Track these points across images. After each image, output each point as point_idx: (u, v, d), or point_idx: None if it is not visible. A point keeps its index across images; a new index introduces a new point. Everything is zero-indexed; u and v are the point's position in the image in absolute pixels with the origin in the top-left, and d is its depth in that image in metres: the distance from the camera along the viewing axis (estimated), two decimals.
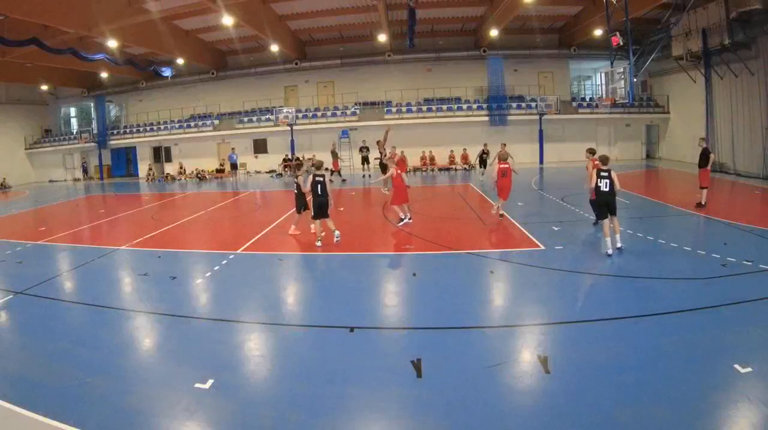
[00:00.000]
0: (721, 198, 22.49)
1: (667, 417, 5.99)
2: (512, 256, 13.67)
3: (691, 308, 9.27)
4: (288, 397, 6.93)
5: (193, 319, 10.17)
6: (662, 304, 9.51)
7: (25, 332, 9.87)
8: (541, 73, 44.21)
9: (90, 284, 13.26)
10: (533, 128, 40.65)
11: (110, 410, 6.65)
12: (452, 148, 40.83)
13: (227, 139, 46.22)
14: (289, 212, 19.85)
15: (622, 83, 27.42)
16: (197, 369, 7.69)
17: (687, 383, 6.71)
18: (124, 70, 43.81)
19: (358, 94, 45.92)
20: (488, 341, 8.52)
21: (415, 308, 10.53)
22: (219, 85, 48.40)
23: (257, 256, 15.24)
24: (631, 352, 7.73)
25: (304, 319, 10.15)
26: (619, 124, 41.97)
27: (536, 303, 10.27)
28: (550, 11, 37.60)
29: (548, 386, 6.88)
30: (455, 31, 43.69)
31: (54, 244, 18.18)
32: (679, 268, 12.16)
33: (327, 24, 40.80)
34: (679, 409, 6.14)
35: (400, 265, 13.67)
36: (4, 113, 48.98)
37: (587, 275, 11.94)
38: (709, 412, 6.11)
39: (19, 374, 7.85)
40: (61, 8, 26.57)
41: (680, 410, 6.13)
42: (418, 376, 7.24)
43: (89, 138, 48.53)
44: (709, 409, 6.16)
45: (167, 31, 35.65)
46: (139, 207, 27.78)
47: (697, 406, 6.21)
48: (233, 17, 29.79)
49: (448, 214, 20.09)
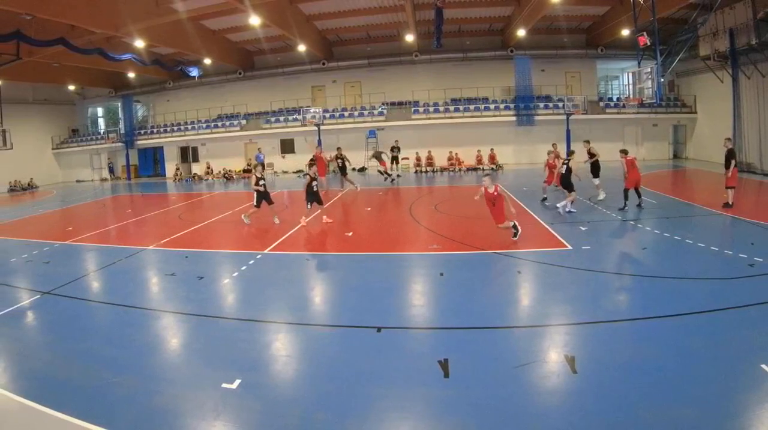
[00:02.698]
0: (748, 198, 22.25)
1: (694, 418, 5.98)
2: (539, 256, 13.62)
3: (719, 308, 9.22)
4: (315, 397, 6.96)
5: (221, 319, 10.25)
6: (689, 304, 9.46)
7: (53, 332, 10.00)
8: (569, 73, 43.97)
9: (117, 284, 13.34)
10: (560, 128, 39.98)
11: (137, 410, 6.73)
12: (479, 148, 40.48)
13: (254, 139, 46.38)
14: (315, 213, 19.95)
15: (649, 83, 27.16)
16: (224, 369, 7.75)
17: (714, 383, 6.70)
18: (152, 70, 44.16)
19: (385, 94, 45.87)
20: (515, 341, 8.53)
21: (442, 307, 10.50)
22: (246, 85, 48.52)
23: (284, 256, 15.25)
24: (657, 352, 7.69)
25: (331, 319, 10.20)
26: (646, 124, 41.67)
27: (563, 303, 10.23)
28: (577, 11, 37.42)
29: (575, 386, 6.88)
30: (482, 31, 43.46)
31: (81, 244, 18.35)
32: (706, 268, 12.10)
33: (354, 24, 40.78)
34: (706, 409, 6.13)
35: (427, 265, 13.57)
36: (32, 113, 49.32)
37: (614, 276, 11.90)
38: (737, 413, 6.10)
39: (47, 374, 7.95)
40: (88, 8, 26.74)
41: (707, 410, 6.11)
42: (445, 376, 7.25)
43: (116, 138, 48.76)
44: (736, 410, 6.15)
45: (194, 31, 35.82)
46: (166, 207, 27.90)
47: (724, 407, 6.18)
48: (260, 17, 29.81)
49: (475, 213, 19.99)
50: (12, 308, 11.31)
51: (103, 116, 57.26)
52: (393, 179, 34.02)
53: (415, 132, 42.65)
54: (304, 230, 18.72)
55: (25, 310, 11.32)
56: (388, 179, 33.55)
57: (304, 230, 18.64)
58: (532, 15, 33.60)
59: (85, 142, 52.52)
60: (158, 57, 42.36)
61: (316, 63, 45.08)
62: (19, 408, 6.93)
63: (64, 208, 30.59)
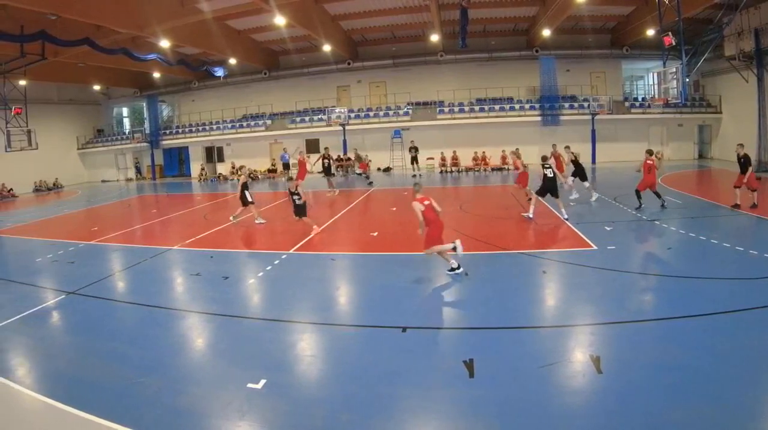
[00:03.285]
0: None
1: (719, 418, 5.96)
2: (564, 256, 13.61)
3: (744, 308, 9.17)
4: (340, 397, 6.97)
5: (246, 319, 10.30)
6: (714, 304, 9.40)
7: (77, 332, 10.08)
8: (594, 73, 43.71)
9: (142, 284, 13.43)
10: (585, 128, 40.12)
11: (162, 410, 6.77)
12: (504, 148, 40.11)
13: (279, 139, 46.42)
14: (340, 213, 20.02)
15: (674, 83, 27.00)
16: (250, 369, 7.78)
17: (739, 383, 6.66)
18: (177, 70, 44.22)
19: (411, 94, 45.84)
20: (540, 341, 8.51)
21: (467, 307, 10.51)
22: (271, 85, 48.61)
23: (309, 256, 15.27)
24: (683, 352, 7.66)
25: (356, 319, 10.22)
26: (671, 124, 41.24)
27: (588, 303, 10.19)
28: (602, 11, 37.16)
29: (600, 386, 6.86)
30: (507, 31, 43.29)
31: (106, 244, 18.48)
32: (732, 268, 12.04)
33: (379, 24, 40.73)
34: (731, 410, 6.09)
35: None
36: (57, 113, 49.59)
37: (639, 276, 11.82)
38: (763, 413, 6.11)
39: (72, 374, 8.01)
40: (113, 8, 26.87)
41: (732, 411, 6.08)
42: (471, 376, 7.25)
43: (141, 138, 49.10)
44: (762, 410, 6.16)
45: (219, 31, 35.80)
46: (191, 207, 28.05)
47: (749, 407, 6.17)
48: (285, 17, 29.84)
49: (500, 214, 19.99)
50: (37, 308, 11.40)
51: (128, 116, 57.60)
52: (371, 182, 34.47)
53: (440, 132, 42.59)
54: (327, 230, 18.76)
55: (51, 310, 11.41)
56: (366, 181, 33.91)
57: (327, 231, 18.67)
58: (557, 15, 33.48)
59: (110, 143, 52.85)
60: (183, 57, 42.49)
61: (341, 63, 45.10)
62: (44, 408, 6.98)
63: (89, 209, 30.85)
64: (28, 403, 7.22)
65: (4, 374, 8.02)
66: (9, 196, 43.17)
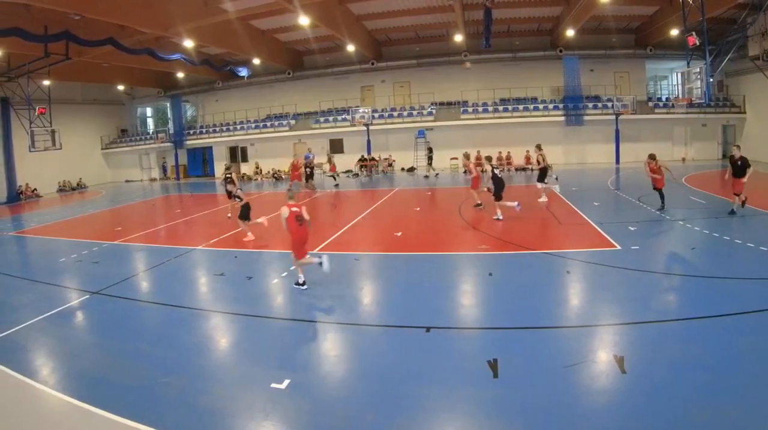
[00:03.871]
0: None
1: (744, 418, 5.93)
2: (588, 256, 13.54)
3: None
4: (364, 397, 6.99)
5: (269, 319, 10.35)
6: (739, 304, 9.36)
7: (101, 332, 10.14)
8: (617, 73, 43.42)
9: (166, 283, 13.55)
10: (609, 128, 39.99)
11: (186, 410, 6.80)
12: (528, 148, 39.52)
13: (303, 139, 46.43)
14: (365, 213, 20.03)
15: (698, 83, 26.97)
16: (273, 369, 7.81)
17: (764, 383, 6.62)
18: (201, 70, 44.38)
19: (434, 94, 45.81)
20: (564, 341, 8.49)
21: (491, 307, 10.51)
22: (295, 85, 48.70)
23: (333, 256, 14.94)
24: (707, 352, 7.64)
25: (380, 319, 10.20)
26: (695, 124, 40.97)
27: (612, 303, 10.16)
28: (626, 11, 37.02)
29: (624, 386, 6.85)
30: (531, 31, 43.14)
31: (130, 244, 18.60)
32: (756, 268, 11.97)
33: (403, 24, 40.66)
34: (756, 410, 6.06)
35: (476, 265, 13.57)
36: (81, 113, 49.89)
37: (663, 276, 11.78)
38: None
39: (95, 374, 8.05)
40: (137, 8, 26.93)
41: (757, 411, 6.04)
42: (495, 376, 7.25)
43: (165, 138, 49.31)
44: None
45: (243, 31, 35.93)
46: (214, 207, 27.95)
47: None
48: (309, 17, 29.81)
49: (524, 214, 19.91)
50: (61, 308, 11.50)
51: (152, 116, 58.06)
52: (337, 184, 34.77)
53: (464, 132, 42.49)
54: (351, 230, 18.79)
55: (75, 310, 11.51)
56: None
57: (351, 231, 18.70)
58: (581, 15, 33.29)
59: (134, 143, 53.22)
60: (207, 57, 42.68)
61: (365, 63, 45.04)
62: (68, 408, 7.02)
63: (113, 209, 31.09)
64: (52, 403, 7.26)
65: (28, 374, 8.09)
66: (33, 196, 43.51)
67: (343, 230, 18.64)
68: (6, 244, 21.66)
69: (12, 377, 8.05)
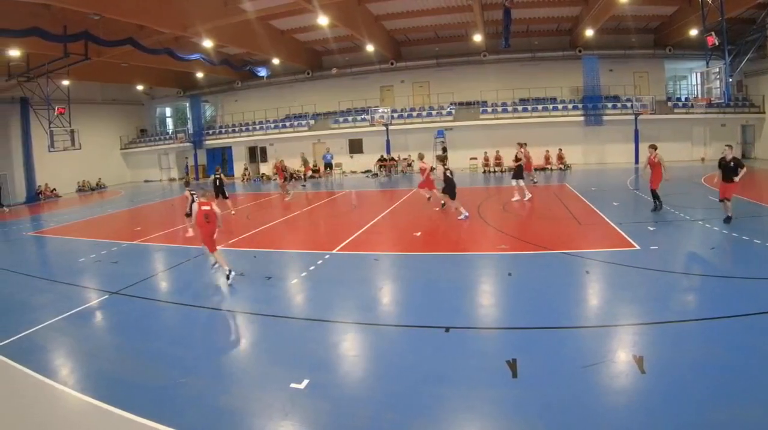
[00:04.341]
0: None
1: (764, 418, 5.87)
2: (607, 256, 13.46)
3: None
4: (383, 397, 6.96)
5: (289, 319, 10.33)
6: (758, 304, 9.25)
7: (120, 332, 10.17)
8: (637, 73, 43.35)
9: (185, 283, 13.61)
10: (629, 128, 39.92)
11: (205, 410, 6.79)
12: (548, 148, 40.11)
13: (322, 139, 46.62)
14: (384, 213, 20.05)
15: (717, 83, 27.02)
16: (292, 369, 7.78)
17: None
18: (220, 70, 44.67)
19: (454, 94, 45.85)
20: (583, 341, 8.45)
21: (510, 307, 10.47)
22: (314, 85, 48.89)
23: (353, 256, 15.30)
24: (727, 352, 7.57)
25: (400, 319, 10.16)
26: (714, 124, 40.76)
27: (631, 303, 10.07)
28: (645, 11, 36.92)
29: (644, 386, 6.79)
30: (550, 31, 43.11)
31: (149, 244, 18.71)
32: None
33: (422, 24, 40.71)
34: None
35: (495, 265, 13.52)
36: (100, 113, 50.29)
37: (682, 276, 11.67)
38: None
39: (115, 374, 8.07)
40: (156, 8, 27.09)
41: None
42: (514, 376, 7.21)
43: (185, 138, 49.59)
44: None
45: (263, 31, 36.09)
46: (234, 207, 27.65)
47: None
48: (328, 17, 29.89)
49: (543, 214, 19.92)
50: (80, 308, 11.54)
51: (171, 116, 58.40)
52: (304, 185, 35.45)
53: (483, 132, 42.49)
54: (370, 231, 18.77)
55: (94, 310, 11.55)
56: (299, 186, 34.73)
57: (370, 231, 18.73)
58: (600, 15, 33.27)
59: (154, 143, 53.64)
60: (226, 57, 42.91)
61: (384, 63, 45.15)
62: (87, 408, 7.03)
63: (132, 209, 31.27)
64: (71, 403, 7.27)
65: (47, 374, 8.11)
66: (52, 196, 43.94)
67: (362, 230, 18.64)
68: (25, 244, 21.87)
69: (31, 376, 8.07)
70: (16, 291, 13.52)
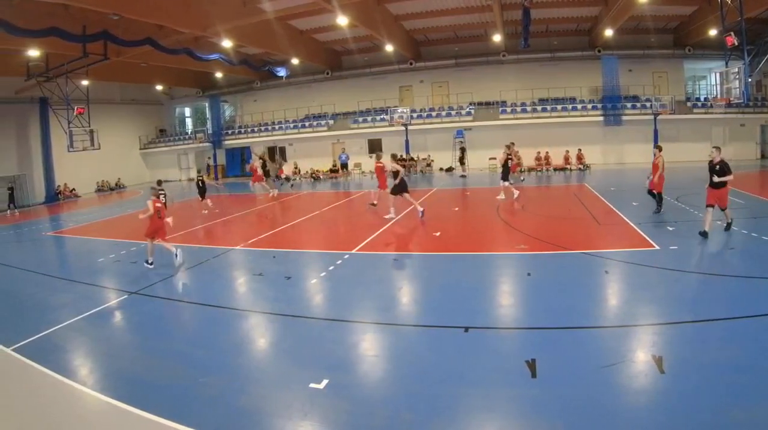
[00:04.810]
0: None
1: None
2: (626, 256, 13.42)
3: None
4: (403, 397, 6.95)
5: (308, 319, 10.31)
6: None
7: (140, 332, 10.22)
8: (656, 73, 43.17)
9: (204, 284, 13.59)
10: (648, 128, 39.64)
11: (225, 410, 6.80)
12: (567, 148, 40.05)
13: (342, 139, 46.74)
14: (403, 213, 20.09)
15: (736, 83, 26.97)
16: (312, 369, 7.78)
17: None
18: (239, 70, 44.81)
19: (473, 94, 45.78)
20: (603, 341, 8.42)
21: (529, 307, 10.44)
22: (333, 85, 48.97)
23: (372, 256, 15.30)
24: (747, 352, 7.51)
25: (419, 319, 10.15)
26: (733, 124, 40.55)
27: (650, 303, 10.02)
28: (664, 11, 36.73)
29: (663, 386, 6.76)
30: (570, 31, 42.96)
31: None
32: None
33: (442, 24, 40.65)
34: None
35: (514, 265, 13.52)
36: (119, 113, 50.62)
37: (702, 276, 11.64)
38: None
39: (134, 374, 8.10)
40: (175, 8, 27.18)
41: None
42: (533, 376, 7.19)
43: (204, 138, 49.81)
44: None
45: (282, 31, 36.11)
46: (253, 207, 27.93)
47: None
48: (348, 17, 29.90)
49: (562, 214, 19.88)
50: (100, 308, 11.60)
51: (190, 116, 58.72)
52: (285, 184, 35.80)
53: (502, 132, 41.77)
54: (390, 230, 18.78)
55: (113, 310, 11.61)
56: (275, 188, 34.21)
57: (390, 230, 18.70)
58: (620, 15, 33.17)
59: (173, 143, 53.98)
60: (246, 57, 42.97)
61: (403, 63, 45.18)
62: (106, 408, 7.06)
63: None
64: (90, 403, 7.31)
65: (67, 374, 8.15)
66: (71, 196, 44.33)
67: (381, 230, 18.62)
68: (45, 244, 22.07)
69: (50, 376, 8.11)
70: (36, 291, 13.60)
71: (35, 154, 43.39)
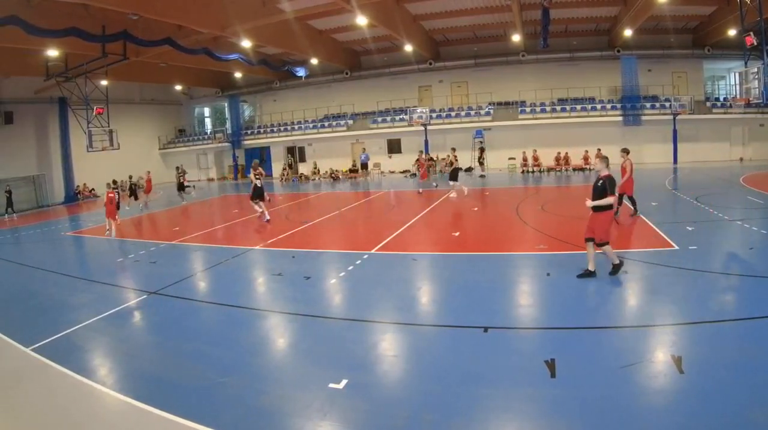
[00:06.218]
0: None
1: None
2: (646, 256, 13.35)
3: None
4: (422, 397, 6.93)
5: (327, 319, 10.31)
6: None
7: (159, 332, 10.23)
8: (675, 73, 42.97)
9: (224, 284, 13.61)
10: (667, 128, 39.67)
11: (244, 410, 6.80)
12: (586, 148, 39.43)
13: (361, 139, 47.02)
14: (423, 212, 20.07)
15: (756, 83, 26.82)
16: (331, 369, 7.78)
17: None
18: (258, 70, 44.87)
19: (492, 94, 45.85)
20: (622, 341, 8.38)
21: (548, 308, 10.39)
22: (353, 85, 49.13)
23: (391, 256, 15.29)
24: (766, 352, 7.46)
25: (438, 319, 10.14)
26: (752, 124, 40.27)
27: (669, 303, 9.96)
28: (684, 11, 36.59)
29: (682, 386, 6.73)
30: (589, 31, 42.86)
31: (187, 244, 18.83)
32: None
33: (461, 24, 40.65)
34: None
35: (533, 265, 13.48)
36: (139, 113, 51.09)
37: (721, 276, 11.54)
38: None
39: (154, 374, 8.13)
40: (195, 8, 27.30)
41: None
42: (552, 376, 7.17)
43: (223, 138, 50.07)
44: None
45: (301, 31, 36.17)
46: (272, 207, 27.71)
47: None
48: (367, 17, 29.89)
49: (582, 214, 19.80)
50: (119, 308, 11.64)
51: (209, 116, 59.01)
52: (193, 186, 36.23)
53: (521, 132, 42.49)
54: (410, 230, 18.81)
55: (132, 310, 11.64)
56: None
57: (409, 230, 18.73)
58: (639, 15, 33.10)
59: (192, 143, 54.38)
60: (265, 57, 43.02)
61: (422, 63, 45.22)
62: (125, 408, 7.08)
63: (171, 209, 31.46)
64: (110, 403, 7.34)
65: (86, 374, 8.18)
66: (90, 196, 44.60)
67: (401, 230, 18.64)
68: (64, 244, 22.27)
69: (70, 376, 8.15)
70: (55, 291, 13.70)
71: (54, 154, 43.71)
